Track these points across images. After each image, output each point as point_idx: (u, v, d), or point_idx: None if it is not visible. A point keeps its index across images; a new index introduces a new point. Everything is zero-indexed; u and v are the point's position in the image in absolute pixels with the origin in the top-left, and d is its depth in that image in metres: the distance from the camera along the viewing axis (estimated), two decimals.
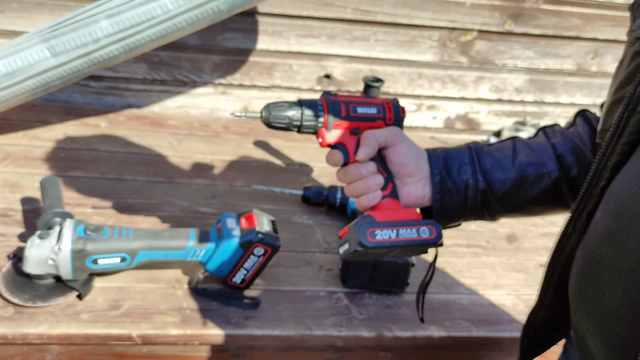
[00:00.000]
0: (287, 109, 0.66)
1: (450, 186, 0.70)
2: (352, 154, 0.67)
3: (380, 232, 0.63)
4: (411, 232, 0.65)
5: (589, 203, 0.60)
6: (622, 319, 0.49)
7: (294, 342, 0.88)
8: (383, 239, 0.63)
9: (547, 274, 0.68)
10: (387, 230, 0.64)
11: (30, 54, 1.03)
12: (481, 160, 0.71)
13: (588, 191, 0.60)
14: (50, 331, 0.80)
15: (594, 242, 0.56)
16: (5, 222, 0.99)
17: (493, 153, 0.71)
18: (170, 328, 0.83)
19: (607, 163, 0.57)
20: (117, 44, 1.04)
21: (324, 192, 1.14)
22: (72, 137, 1.28)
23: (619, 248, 0.50)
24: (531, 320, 0.72)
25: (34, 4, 1.33)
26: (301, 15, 1.43)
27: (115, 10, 1.02)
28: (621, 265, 0.50)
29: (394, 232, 0.64)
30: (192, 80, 1.47)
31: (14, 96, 1.07)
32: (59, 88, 1.17)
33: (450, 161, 0.70)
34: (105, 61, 1.07)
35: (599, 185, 0.58)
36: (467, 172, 0.70)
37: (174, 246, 0.87)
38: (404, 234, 0.64)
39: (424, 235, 0.65)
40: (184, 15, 1.03)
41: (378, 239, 0.63)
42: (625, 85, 0.57)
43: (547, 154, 0.71)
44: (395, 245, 0.63)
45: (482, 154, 0.71)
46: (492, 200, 0.71)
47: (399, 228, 0.64)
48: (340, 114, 0.67)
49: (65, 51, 1.03)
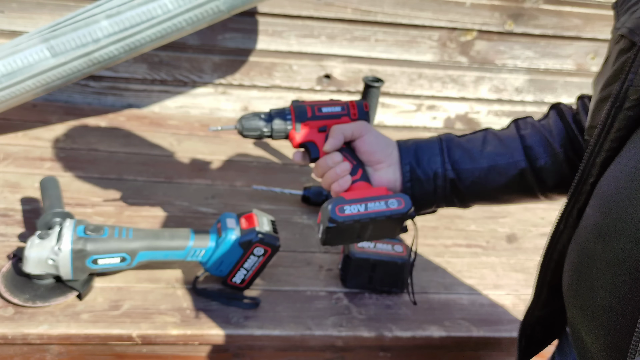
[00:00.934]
0: (258, 119, 0.74)
1: (420, 175, 0.73)
2: (322, 150, 0.73)
3: (348, 207, 0.68)
4: (379, 204, 0.68)
5: (579, 199, 0.61)
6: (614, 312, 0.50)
7: (294, 342, 0.88)
8: (352, 212, 0.67)
9: (541, 272, 0.70)
10: (355, 205, 0.68)
11: (30, 54, 1.03)
12: (451, 151, 0.74)
13: (578, 188, 0.61)
14: (50, 331, 0.80)
15: (584, 237, 0.57)
16: (5, 222, 0.99)
17: (463, 144, 0.75)
18: (170, 328, 0.83)
19: (595, 160, 0.58)
20: (117, 44, 1.04)
21: (324, 192, 1.14)
22: (72, 137, 1.28)
23: (608, 243, 0.51)
24: (528, 319, 0.73)
25: (34, 4, 1.33)
26: (301, 15, 1.43)
27: (115, 10, 1.02)
28: (611, 259, 0.51)
29: (363, 205, 0.68)
30: (192, 80, 1.47)
31: (14, 96, 1.07)
32: (59, 88, 1.17)
33: (420, 152, 0.74)
34: (105, 61, 1.07)
35: (589, 181, 0.60)
36: (437, 162, 0.73)
37: (174, 246, 0.88)
38: (373, 206, 0.68)
39: (393, 207, 0.69)
40: (184, 15, 1.03)
41: (347, 213, 0.67)
42: (611, 82, 0.58)
43: (515, 145, 0.74)
44: (365, 217, 0.67)
45: (452, 145, 0.75)
46: (461, 188, 0.74)
47: (367, 202, 0.68)
48: (306, 116, 0.73)
49: (65, 51, 1.03)
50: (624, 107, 0.54)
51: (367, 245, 0.96)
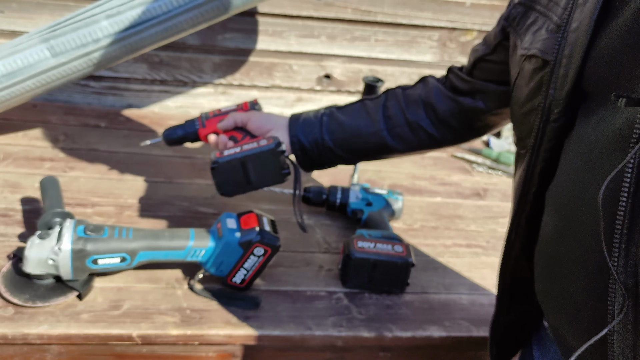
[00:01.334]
0: (175, 128, 1.03)
1: (305, 144, 0.93)
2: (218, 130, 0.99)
3: (227, 151, 0.89)
4: (252, 144, 0.89)
5: (525, 209, 0.67)
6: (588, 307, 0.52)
7: (294, 342, 0.88)
8: (229, 154, 0.88)
9: (500, 279, 0.75)
10: (232, 149, 0.89)
11: (30, 54, 1.03)
12: (329, 124, 0.93)
13: (522, 198, 0.67)
14: (50, 331, 0.80)
15: (548, 243, 0.61)
16: (5, 222, 0.99)
17: (339, 117, 0.93)
18: (170, 328, 0.83)
19: (534, 171, 0.64)
20: (117, 44, 1.04)
21: (324, 192, 1.14)
22: (72, 137, 1.28)
23: (570, 242, 0.55)
24: (495, 326, 0.78)
25: (34, 4, 1.33)
26: (301, 16, 1.43)
27: (115, 10, 1.02)
28: (577, 257, 0.54)
29: (238, 148, 0.89)
30: (192, 80, 1.47)
31: (14, 96, 1.07)
32: (58, 88, 1.17)
33: (305, 125, 0.94)
34: (105, 61, 1.07)
35: (531, 192, 0.66)
36: (317, 133, 0.93)
37: (174, 246, 0.88)
38: (247, 147, 0.88)
39: (262, 144, 0.88)
40: (184, 15, 1.03)
41: (225, 154, 0.88)
42: (532, 98, 0.64)
43: (378, 116, 0.92)
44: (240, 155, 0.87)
45: (331, 118, 0.93)
46: (338, 153, 0.94)
47: (241, 145, 0.89)
48: (209, 116, 1.02)
49: (65, 51, 1.03)
50: (551, 120, 0.60)
51: (367, 245, 0.96)
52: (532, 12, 0.68)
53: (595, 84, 0.56)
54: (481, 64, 0.84)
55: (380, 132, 0.92)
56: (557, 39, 0.59)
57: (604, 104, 0.54)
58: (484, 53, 0.83)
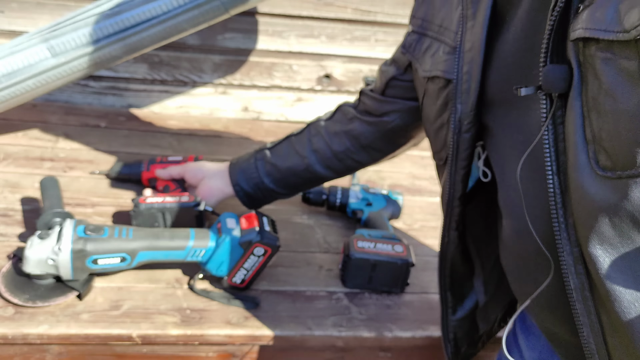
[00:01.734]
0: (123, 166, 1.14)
1: (247, 189, 1.00)
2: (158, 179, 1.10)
3: (150, 199, 0.97)
4: (174, 198, 0.98)
5: (454, 213, 0.74)
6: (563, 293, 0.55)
7: (294, 342, 0.88)
8: (151, 202, 0.96)
9: (441, 280, 0.81)
10: (156, 198, 0.97)
11: (30, 54, 1.03)
12: (264, 167, 0.99)
13: (450, 204, 0.74)
14: (50, 331, 0.80)
15: (512, 245, 0.65)
16: (5, 222, 0.99)
17: (270, 159, 0.99)
18: (170, 328, 0.83)
19: (456, 179, 0.71)
20: (117, 44, 1.04)
21: (324, 192, 1.14)
22: (72, 137, 1.28)
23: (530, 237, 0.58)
24: (444, 324, 0.83)
25: (34, 4, 1.33)
26: (301, 15, 1.43)
27: (115, 10, 1.02)
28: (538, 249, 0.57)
29: (161, 198, 0.97)
30: (192, 80, 1.47)
31: (14, 96, 1.07)
32: (58, 88, 1.17)
33: (243, 173, 1.00)
34: (106, 61, 1.07)
35: (456, 197, 0.72)
36: (256, 178, 0.99)
37: (174, 246, 0.88)
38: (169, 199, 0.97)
39: (184, 200, 0.98)
40: (184, 15, 1.03)
41: (148, 201, 0.96)
42: (441, 114, 0.71)
43: (306, 152, 0.97)
44: (160, 207, 0.96)
45: (264, 162, 0.99)
46: (278, 191, 1.01)
47: (165, 196, 0.98)
48: (155, 161, 1.13)
49: (65, 51, 1.03)
50: (462, 131, 0.67)
51: (367, 245, 0.96)
52: (425, 38, 0.75)
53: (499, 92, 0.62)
54: (393, 82, 0.89)
55: (311, 166, 0.97)
56: (455, 59, 0.67)
57: (512, 107, 0.61)
58: (396, 74, 0.88)
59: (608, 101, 0.44)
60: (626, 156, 0.44)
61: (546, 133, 0.52)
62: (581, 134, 0.48)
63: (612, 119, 0.44)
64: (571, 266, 0.52)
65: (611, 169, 0.45)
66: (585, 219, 0.49)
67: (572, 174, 0.50)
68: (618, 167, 0.45)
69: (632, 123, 0.43)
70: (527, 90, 0.52)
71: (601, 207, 0.47)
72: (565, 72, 0.49)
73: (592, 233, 0.48)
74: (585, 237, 0.49)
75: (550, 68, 0.50)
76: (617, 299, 0.47)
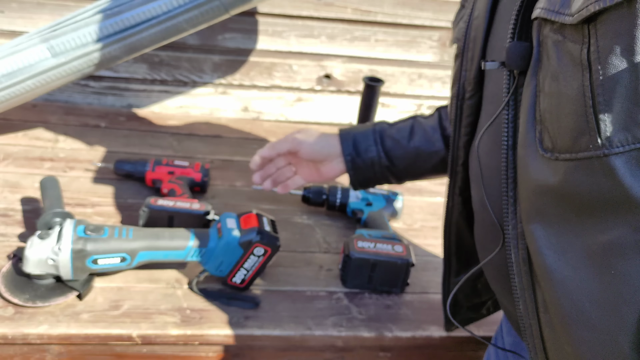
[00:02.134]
0: (126, 163, 1.13)
1: (359, 163, 0.92)
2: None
3: (162, 201, 0.98)
4: (185, 204, 0.99)
5: (456, 179, 0.75)
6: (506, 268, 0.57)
7: (294, 342, 0.88)
8: (162, 204, 0.97)
9: (445, 244, 0.82)
10: (169, 201, 0.99)
11: (30, 54, 1.03)
12: (384, 141, 0.91)
13: (452, 169, 0.75)
14: (50, 331, 0.80)
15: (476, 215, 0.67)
16: (5, 222, 0.99)
17: (393, 134, 0.91)
18: (170, 328, 0.83)
19: (459, 144, 0.71)
20: (117, 44, 1.04)
21: (324, 192, 1.14)
22: (72, 137, 1.28)
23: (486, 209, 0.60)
24: (446, 285, 0.84)
25: (34, 4, 1.33)
26: (301, 15, 1.43)
27: (115, 10, 1.02)
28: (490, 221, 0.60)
29: (172, 202, 0.98)
30: (192, 80, 1.47)
31: (14, 96, 1.07)
32: (58, 88, 1.17)
33: (358, 143, 0.92)
34: (106, 61, 1.07)
35: (459, 163, 0.73)
36: (373, 151, 0.91)
37: (174, 246, 0.88)
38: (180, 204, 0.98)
39: (195, 207, 0.98)
40: (184, 15, 1.03)
41: (159, 203, 0.97)
42: (455, 82, 0.71)
43: (437, 135, 0.90)
44: (171, 210, 0.97)
45: (384, 136, 0.92)
46: (394, 172, 0.93)
47: (176, 200, 0.99)
48: (161, 163, 1.13)
49: (65, 51, 1.03)
50: (466, 98, 0.68)
51: (367, 245, 0.96)
52: (462, 8, 0.75)
53: None
54: None
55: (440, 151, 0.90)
56: (466, 27, 0.68)
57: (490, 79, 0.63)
58: None
59: (553, 83, 0.45)
60: (564, 140, 0.44)
61: (506, 108, 0.53)
62: (532, 113, 0.48)
63: (555, 101, 0.45)
64: (514, 239, 0.53)
65: (551, 150, 0.46)
66: (527, 195, 0.50)
67: (520, 151, 0.51)
68: (557, 150, 0.45)
69: (571, 107, 0.43)
70: (491, 65, 0.53)
71: (541, 186, 0.48)
72: (525, 50, 0.50)
73: (531, 210, 0.50)
74: (527, 213, 0.51)
75: (513, 45, 0.51)
76: (548, 277, 0.48)
